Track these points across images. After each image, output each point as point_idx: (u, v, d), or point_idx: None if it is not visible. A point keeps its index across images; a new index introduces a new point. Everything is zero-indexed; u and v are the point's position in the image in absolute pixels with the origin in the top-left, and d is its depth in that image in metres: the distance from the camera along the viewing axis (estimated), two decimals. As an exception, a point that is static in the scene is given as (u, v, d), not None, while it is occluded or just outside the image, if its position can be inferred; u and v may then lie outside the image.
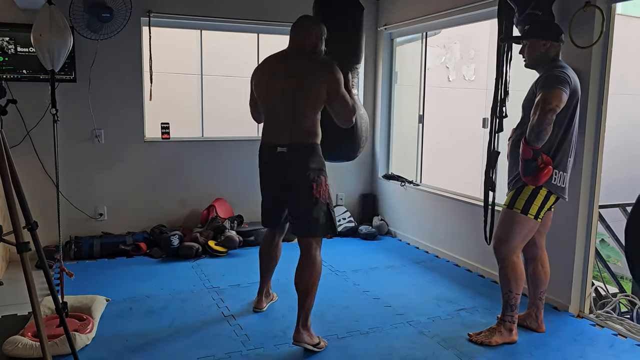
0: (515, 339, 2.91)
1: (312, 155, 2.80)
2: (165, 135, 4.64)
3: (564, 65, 2.81)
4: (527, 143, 2.64)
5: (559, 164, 2.78)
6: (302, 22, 2.90)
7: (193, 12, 4.56)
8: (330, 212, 2.87)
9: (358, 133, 3.43)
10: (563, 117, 2.72)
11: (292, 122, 2.80)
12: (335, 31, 3.31)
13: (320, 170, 2.83)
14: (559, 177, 2.78)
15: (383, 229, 5.13)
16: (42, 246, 2.19)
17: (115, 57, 4.33)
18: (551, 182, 2.76)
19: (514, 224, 2.82)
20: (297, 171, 2.78)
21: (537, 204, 2.78)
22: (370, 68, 5.28)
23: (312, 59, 2.84)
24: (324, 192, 2.83)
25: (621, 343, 2.94)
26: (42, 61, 2.95)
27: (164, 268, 4.08)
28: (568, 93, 2.65)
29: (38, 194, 4.04)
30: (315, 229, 2.83)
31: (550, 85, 2.65)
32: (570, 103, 2.71)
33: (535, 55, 2.85)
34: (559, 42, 2.84)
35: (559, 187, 2.80)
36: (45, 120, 4.02)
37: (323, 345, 2.83)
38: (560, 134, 2.76)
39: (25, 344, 2.61)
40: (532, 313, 3.08)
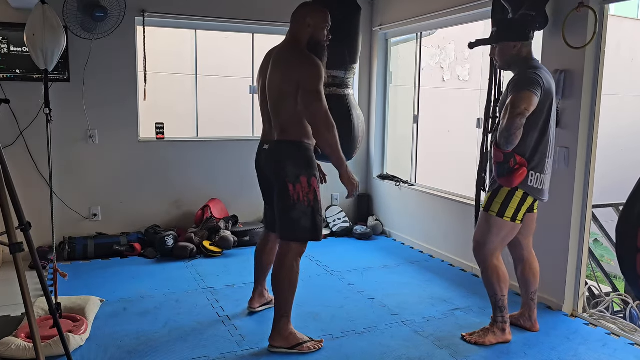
0: (509, 338, 2.91)
1: (291, 154, 2.67)
2: (160, 136, 4.63)
3: (537, 65, 2.77)
4: (498, 147, 2.60)
5: (536, 166, 2.73)
6: (299, 11, 2.74)
7: (187, 12, 4.55)
8: (314, 217, 2.69)
9: (355, 133, 3.43)
10: (538, 119, 2.68)
11: (273, 119, 2.76)
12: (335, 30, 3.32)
13: (302, 170, 2.66)
14: (535, 179, 2.74)
15: (378, 229, 5.13)
16: (35, 247, 2.18)
17: (109, 57, 4.32)
18: (527, 184, 2.72)
19: (490, 227, 2.81)
20: (276, 170, 2.70)
21: (514, 207, 2.75)
22: (365, 68, 5.29)
23: (294, 53, 2.69)
24: (306, 194, 2.67)
25: (614, 342, 2.96)
26: (36, 61, 2.94)
27: (159, 268, 4.07)
28: (539, 95, 2.60)
29: (31, 194, 4.02)
30: (292, 233, 2.71)
31: (520, 88, 2.60)
32: (544, 104, 2.67)
33: (507, 58, 2.81)
34: (529, 41, 2.80)
35: (535, 188, 2.75)
36: (39, 120, 4.00)
37: (312, 346, 2.78)
38: (536, 136, 2.71)
39: (19, 345, 2.60)
40: (525, 313, 3.09)
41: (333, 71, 3.35)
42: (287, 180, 2.65)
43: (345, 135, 3.39)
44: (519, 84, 2.65)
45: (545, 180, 2.79)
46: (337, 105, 3.40)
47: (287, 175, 2.65)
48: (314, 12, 2.74)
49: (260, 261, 3.17)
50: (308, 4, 2.80)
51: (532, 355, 2.78)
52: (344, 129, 3.39)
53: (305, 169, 2.68)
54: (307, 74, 2.59)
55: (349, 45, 3.35)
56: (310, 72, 2.60)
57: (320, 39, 2.74)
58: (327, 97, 3.37)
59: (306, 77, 2.59)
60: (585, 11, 3.02)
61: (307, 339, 2.82)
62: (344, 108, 3.41)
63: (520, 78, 2.68)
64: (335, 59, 3.34)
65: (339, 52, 3.32)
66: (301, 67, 2.62)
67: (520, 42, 2.77)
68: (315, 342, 2.82)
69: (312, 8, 2.77)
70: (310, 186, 2.68)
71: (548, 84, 2.69)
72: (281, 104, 2.70)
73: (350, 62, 3.38)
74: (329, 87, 3.39)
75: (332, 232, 5.07)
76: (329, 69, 3.37)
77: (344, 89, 3.44)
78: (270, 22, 4.76)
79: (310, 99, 2.58)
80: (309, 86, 2.58)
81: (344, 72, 3.36)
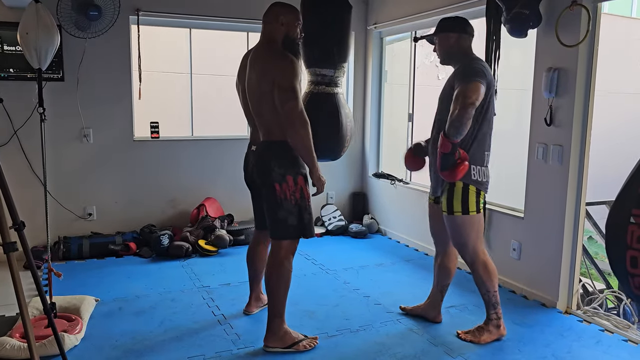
0: (504, 333, 2.93)
1: (277, 154, 2.69)
2: (155, 135, 4.62)
3: (478, 57, 2.81)
4: (447, 137, 2.58)
5: (476, 160, 2.74)
6: (271, 10, 2.75)
7: (182, 11, 4.54)
8: (302, 214, 2.73)
9: (342, 132, 3.43)
10: (478, 111, 2.68)
11: (257, 120, 2.79)
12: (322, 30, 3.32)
13: (288, 169, 2.69)
14: (477, 172, 2.75)
15: (373, 228, 5.14)
16: (30, 246, 2.17)
17: (103, 56, 4.30)
18: (471, 178, 2.73)
19: (463, 227, 2.80)
20: (262, 170, 2.72)
21: (473, 200, 2.76)
22: (360, 67, 5.29)
23: (269, 52, 2.71)
24: (292, 193, 2.70)
25: (608, 338, 2.98)
26: (29, 60, 2.92)
27: (154, 268, 4.06)
28: (485, 86, 2.63)
29: (26, 194, 4.01)
30: (281, 232, 2.73)
31: (469, 78, 2.61)
32: (485, 96, 2.68)
33: (445, 50, 2.82)
34: (468, 35, 2.82)
35: (480, 182, 2.77)
36: (33, 119, 3.98)
37: (307, 344, 2.79)
38: (475, 129, 2.72)
39: (13, 345, 2.59)
40: (433, 303, 3.14)
41: (322, 69, 3.36)
42: (274, 180, 2.68)
43: (333, 133, 3.40)
44: (466, 74, 2.65)
45: (487, 172, 2.81)
46: (326, 103, 3.40)
47: (273, 175, 2.68)
48: (286, 11, 2.76)
49: (253, 264, 3.16)
50: (279, 3, 2.81)
51: (526, 352, 2.79)
52: (332, 128, 3.40)
53: (291, 168, 2.70)
54: (281, 72, 2.60)
55: (338, 44, 3.35)
56: (284, 69, 2.61)
57: (294, 36, 2.76)
58: (316, 96, 3.39)
59: (281, 74, 2.60)
60: (579, 9, 3.03)
61: (302, 337, 2.82)
62: (332, 107, 3.41)
63: (466, 69, 2.69)
64: (324, 57, 3.35)
65: (328, 51, 3.32)
66: (276, 65, 2.63)
67: (457, 34, 2.78)
68: (310, 340, 2.83)
69: (283, 6, 2.78)
70: (297, 184, 2.71)
71: (490, 77, 2.72)
72: (262, 105, 2.71)
73: (339, 61, 3.38)
74: (318, 86, 3.39)
75: (327, 231, 5.08)
76: (318, 67, 3.37)
77: (333, 88, 3.44)
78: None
79: (284, 96, 2.58)
80: (284, 83, 2.59)
81: (333, 71, 3.37)
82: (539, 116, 3.38)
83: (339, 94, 3.48)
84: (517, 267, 3.62)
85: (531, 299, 3.51)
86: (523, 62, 3.67)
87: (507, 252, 3.69)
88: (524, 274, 3.57)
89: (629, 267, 1.42)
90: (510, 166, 3.91)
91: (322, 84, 3.39)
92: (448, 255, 3.06)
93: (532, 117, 3.45)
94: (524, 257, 3.58)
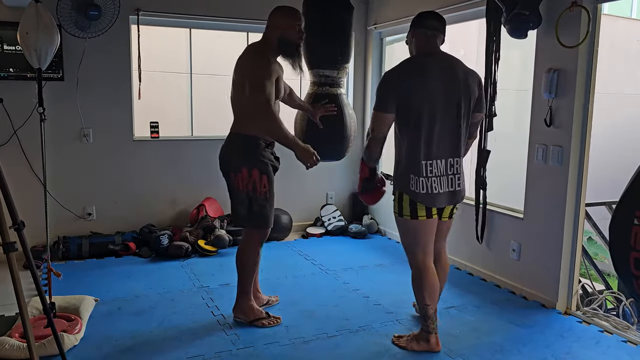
0: (436, 349, 2.75)
1: (237, 145, 2.87)
2: (155, 134, 4.62)
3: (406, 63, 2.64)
4: (365, 162, 2.65)
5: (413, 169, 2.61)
6: (271, 14, 2.91)
7: (182, 11, 4.54)
8: (251, 205, 2.87)
9: (347, 132, 3.43)
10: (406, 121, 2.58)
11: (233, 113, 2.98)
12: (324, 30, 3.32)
13: (244, 161, 2.83)
14: (415, 183, 2.61)
15: (373, 228, 5.14)
16: (29, 246, 2.17)
17: (103, 56, 4.30)
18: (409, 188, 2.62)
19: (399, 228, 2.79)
20: (223, 160, 2.92)
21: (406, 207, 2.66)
22: (360, 67, 5.29)
23: (250, 50, 2.89)
24: (245, 185, 2.85)
25: (607, 339, 2.98)
26: (29, 59, 2.92)
27: (153, 268, 4.06)
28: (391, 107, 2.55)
29: (25, 193, 4.00)
30: (238, 219, 2.96)
31: (374, 106, 2.64)
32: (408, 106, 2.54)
33: (410, 50, 2.73)
34: (423, 29, 2.63)
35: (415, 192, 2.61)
36: (33, 119, 3.97)
37: (267, 322, 3.01)
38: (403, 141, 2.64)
39: (13, 345, 2.59)
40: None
41: (325, 70, 3.36)
42: (230, 170, 2.88)
43: (338, 134, 3.40)
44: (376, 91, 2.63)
45: (427, 183, 2.60)
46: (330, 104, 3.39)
47: (230, 165, 2.87)
48: (282, 14, 2.88)
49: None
50: (279, 7, 2.92)
51: (526, 353, 2.79)
52: (336, 129, 3.40)
53: (247, 160, 2.84)
54: (251, 67, 2.76)
55: (340, 45, 3.35)
56: (255, 65, 2.76)
57: (291, 38, 2.85)
58: (319, 97, 3.40)
59: (250, 69, 2.75)
60: (579, 10, 3.03)
61: (265, 315, 3.04)
62: (337, 107, 3.41)
63: (379, 82, 2.63)
64: (326, 58, 3.35)
65: (330, 52, 3.33)
66: (250, 61, 2.80)
67: (410, 30, 2.68)
68: (273, 319, 3.04)
69: (281, 10, 2.90)
70: (251, 177, 2.84)
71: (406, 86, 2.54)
72: (235, 97, 2.91)
73: (342, 62, 3.38)
74: (321, 87, 3.39)
75: (327, 231, 5.08)
76: (320, 69, 3.37)
77: (336, 88, 3.44)
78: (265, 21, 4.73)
79: (251, 89, 2.72)
80: (252, 78, 2.73)
81: (336, 72, 3.36)
82: (538, 117, 3.38)
83: (341, 95, 3.48)
84: (517, 267, 3.62)
85: (531, 299, 3.51)
86: (523, 63, 3.67)
87: (507, 253, 3.69)
88: (524, 274, 3.57)
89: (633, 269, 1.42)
90: (510, 167, 3.92)
91: (325, 85, 3.39)
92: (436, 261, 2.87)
93: (532, 117, 3.46)
94: (523, 257, 3.58)
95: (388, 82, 2.60)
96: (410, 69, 2.61)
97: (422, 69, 2.58)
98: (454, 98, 2.58)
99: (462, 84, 2.60)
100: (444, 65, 2.62)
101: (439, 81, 2.56)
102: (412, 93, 2.55)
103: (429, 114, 2.55)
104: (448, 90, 2.57)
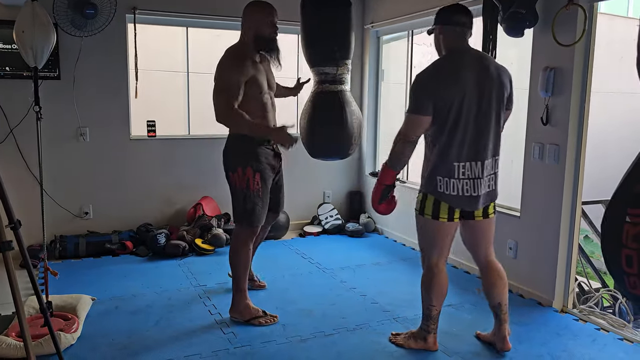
0: (433, 348, 2.76)
1: (233, 145, 2.99)
2: (152, 133, 4.61)
3: (441, 62, 2.53)
4: (390, 167, 2.46)
5: (442, 170, 2.51)
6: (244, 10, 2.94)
7: (179, 9, 4.53)
8: (245, 202, 2.96)
9: (348, 130, 3.38)
10: (443, 123, 2.46)
11: None
12: (323, 26, 3.30)
13: (240, 160, 2.94)
14: (444, 184, 2.52)
15: (370, 227, 5.14)
16: (26, 245, 2.17)
17: (100, 54, 4.29)
18: (437, 190, 2.53)
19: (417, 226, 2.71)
20: (223, 160, 3.04)
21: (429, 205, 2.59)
22: (357, 66, 5.29)
23: (226, 50, 2.95)
24: (241, 182, 2.94)
25: (603, 337, 2.99)
26: (25, 58, 2.92)
27: (151, 267, 4.06)
28: (427, 109, 2.43)
29: (22, 192, 3.99)
30: (235, 215, 3.06)
31: (408, 108, 2.51)
32: (445, 109, 2.43)
33: (435, 44, 2.59)
34: (451, 26, 2.50)
35: (445, 194, 2.51)
36: (29, 118, 3.96)
37: (264, 320, 3.03)
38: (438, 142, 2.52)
39: (9, 344, 2.59)
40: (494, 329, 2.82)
41: (324, 68, 3.33)
42: (228, 169, 3.00)
43: (337, 132, 3.37)
44: (410, 100, 2.53)
45: (458, 185, 2.51)
46: (329, 102, 3.37)
47: (228, 165, 3.00)
48: (252, 10, 2.91)
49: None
50: (250, 3, 2.94)
51: (522, 351, 2.80)
52: (335, 127, 3.37)
53: (241, 159, 2.95)
54: (220, 70, 2.86)
55: (338, 41, 3.32)
56: (222, 68, 2.85)
57: (265, 33, 2.90)
58: (319, 95, 3.38)
59: (219, 73, 2.85)
60: (575, 9, 3.04)
61: (262, 314, 3.06)
62: (336, 105, 3.38)
63: (413, 83, 2.53)
64: (325, 55, 3.33)
65: (328, 49, 3.30)
66: (220, 65, 2.88)
67: (438, 26, 2.53)
68: (269, 317, 3.06)
69: (253, 5, 2.93)
70: (245, 175, 2.94)
71: (443, 86, 2.44)
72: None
73: (341, 58, 3.34)
74: (322, 84, 3.37)
75: (324, 230, 5.08)
76: (320, 66, 3.35)
77: (336, 85, 3.41)
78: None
79: (215, 93, 2.83)
80: (217, 81, 2.84)
81: (336, 68, 3.34)
82: (535, 115, 3.39)
83: (343, 91, 3.42)
84: (513, 266, 3.63)
85: (527, 297, 3.52)
86: (519, 62, 3.68)
87: (504, 251, 3.69)
88: (520, 272, 3.58)
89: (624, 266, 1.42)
90: (507, 165, 3.91)
91: (326, 82, 3.35)
92: (486, 271, 2.77)
93: (528, 116, 3.46)
94: (520, 256, 3.59)
95: (423, 83, 2.49)
96: (445, 69, 2.50)
97: (457, 68, 2.47)
98: (489, 97, 2.48)
99: (495, 82, 2.50)
100: (476, 63, 2.50)
101: (473, 80, 2.45)
102: (447, 94, 2.44)
103: (465, 115, 2.45)
104: (483, 89, 2.47)
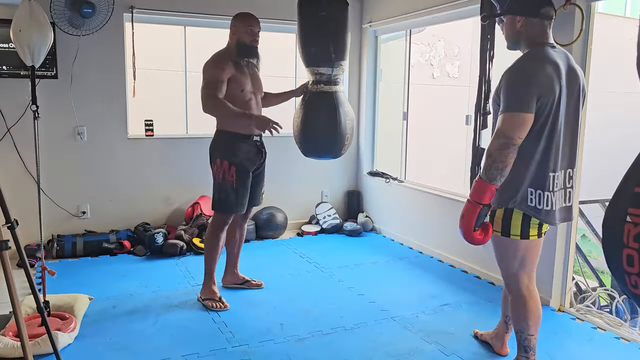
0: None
1: (215, 140, 3.27)
2: (149, 133, 4.61)
3: (538, 54, 2.24)
4: (488, 181, 2.11)
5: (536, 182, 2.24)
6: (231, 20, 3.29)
7: (176, 8, 4.52)
8: (219, 191, 3.22)
9: (341, 130, 3.41)
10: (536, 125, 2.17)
11: None
12: (317, 28, 3.31)
13: (219, 153, 3.21)
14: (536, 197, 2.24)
15: (368, 226, 5.15)
16: (23, 245, 2.16)
17: (97, 54, 4.28)
18: (527, 204, 2.24)
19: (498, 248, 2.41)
20: (209, 153, 3.31)
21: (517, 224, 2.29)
22: (355, 65, 5.29)
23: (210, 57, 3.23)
24: (218, 173, 3.22)
25: (600, 336, 3.00)
26: (22, 57, 2.91)
27: (148, 266, 4.05)
28: (532, 106, 2.12)
29: (19, 191, 3.98)
30: (212, 203, 3.31)
31: (509, 106, 2.13)
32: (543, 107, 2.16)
33: (510, 35, 2.35)
34: (538, 19, 2.28)
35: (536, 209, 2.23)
36: (26, 117, 3.96)
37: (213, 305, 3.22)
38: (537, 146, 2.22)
39: (6, 344, 2.58)
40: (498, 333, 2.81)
41: (320, 68, 3.34)
42: (211, 161, 3.28)
43: (331, 132, 3.39)
44: (507, 96, 2.16)
45: (552, 199, 2.24)
46: (324, 102, 3.39)
47: (211, 157, 3.28)
48: (238, 19, 3.25)
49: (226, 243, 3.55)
50: (238, 14, 3.29)
51: (519, 350, 2.80)
52: (330, 127, 3.39)
53: (222, 153, 3.22)
54: (204, 70, 3.16)
55: (334, 42, 3.33)
56: (206, 66, 3.16)
57: (245, 40, 3.22)
58: (314, 95, 3.40)
59: (204, 72, 3.16)
60: (572, 8, 3.04)
61: (217, 299, 3.27)
62: (330, 105, 3.40)
63: (508, 83, 2.19)
64: (320, 56, 3.34)
65: (324, 49, 3.31)
66: (205, 66, 3.17)
67: (523, 18, 2.27)
68: (219, 303, 3.24)
69: (238, 16, 3.27)
70: (222, 167, 3.21)
71: (547, 79, 2.16)
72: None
73: (336, 59, 3.36)
74: (316, 85, 3.38)
75: (322, 229, 5.08)
76: (315, 66, 3.36)
77: (331, 86, 3.42)
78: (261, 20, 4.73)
79: (202, 86, 3.13)
80: (203, 77, 3.15)
81: (331, 69, 3.35)
82: (533, 115, 3.38)
83: (337, 92, 3.44)
84: (511, 265, 3.63)
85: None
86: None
87: (501, 250, 3.70)
88: (518, 272, 3.58)
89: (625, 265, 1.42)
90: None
91: (321, 83, 3.37)
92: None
93: (526, 115, 3.45)
94: (517, 255, 3.59)
95: (527, 75, 2.15)
96: (543, 63, 2.19)
97: (555, 64, 2.20)
98: (577, 96, 2.28)
99: (580, 81, 2.29)
100: (565, 59, 2.27)
101: (564, 78, 2.21)
102: (547, 91, 2.15)
103: (562, 116, 2.22)
104: (572, 88, 2.26)
